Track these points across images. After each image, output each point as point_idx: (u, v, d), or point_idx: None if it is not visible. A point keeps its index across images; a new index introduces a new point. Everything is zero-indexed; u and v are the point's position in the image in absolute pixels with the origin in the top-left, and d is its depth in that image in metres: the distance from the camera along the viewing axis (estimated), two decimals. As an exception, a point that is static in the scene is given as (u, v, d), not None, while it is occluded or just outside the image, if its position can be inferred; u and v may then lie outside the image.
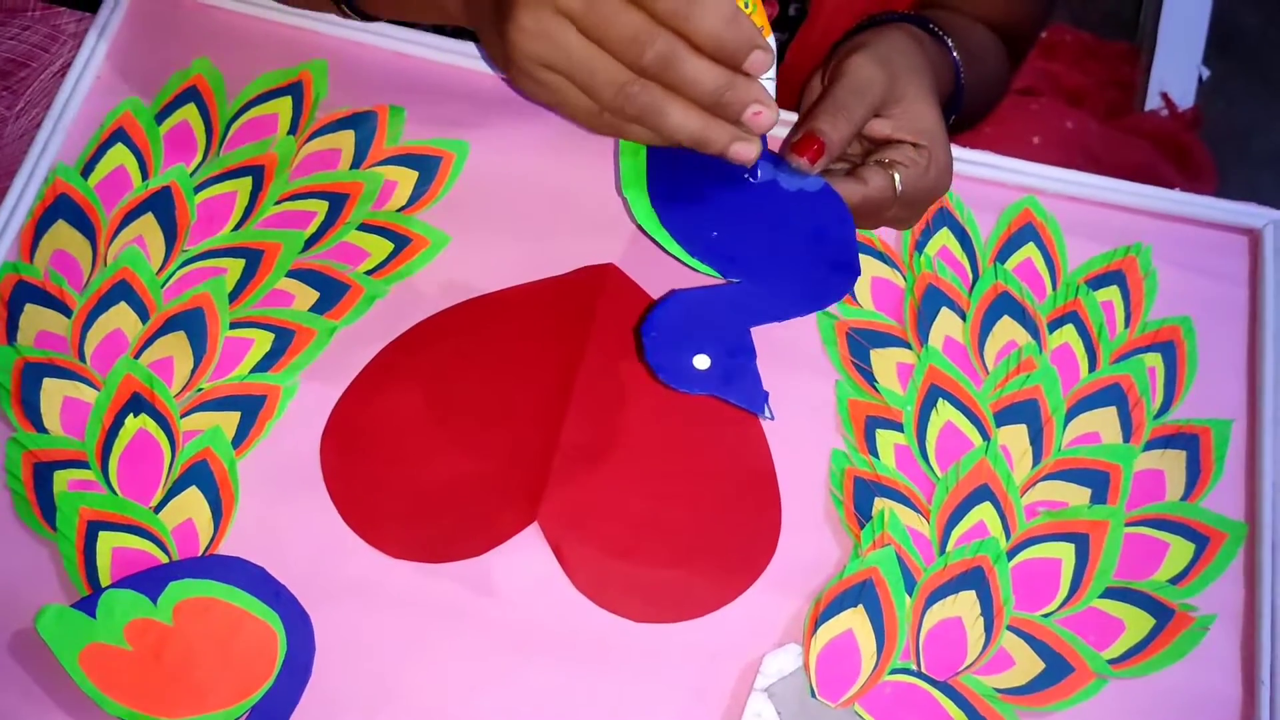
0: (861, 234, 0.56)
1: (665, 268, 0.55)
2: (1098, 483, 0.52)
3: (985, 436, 0.53)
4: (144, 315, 0.54)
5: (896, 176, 0.52)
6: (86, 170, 0.56)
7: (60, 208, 0.55)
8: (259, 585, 0.49)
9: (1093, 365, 0.55)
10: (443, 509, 0.51)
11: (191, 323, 0.53)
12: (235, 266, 0.55)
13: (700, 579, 0.51)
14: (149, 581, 0.48)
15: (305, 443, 0.52)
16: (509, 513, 0.51)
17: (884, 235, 0.57)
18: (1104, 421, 0.54)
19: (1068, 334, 0.55)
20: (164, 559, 0.49)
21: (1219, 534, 0.52)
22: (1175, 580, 0.51)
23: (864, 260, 0.56)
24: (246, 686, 0.47)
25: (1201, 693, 0.50)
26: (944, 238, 0.57)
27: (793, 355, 0.54)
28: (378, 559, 0.50)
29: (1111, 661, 0.50)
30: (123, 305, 0.54)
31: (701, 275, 0.51)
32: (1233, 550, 0.52)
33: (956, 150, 0.57)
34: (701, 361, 0.47)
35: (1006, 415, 0.53)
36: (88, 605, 0.47)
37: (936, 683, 0.49)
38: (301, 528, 0.51)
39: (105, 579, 0.48)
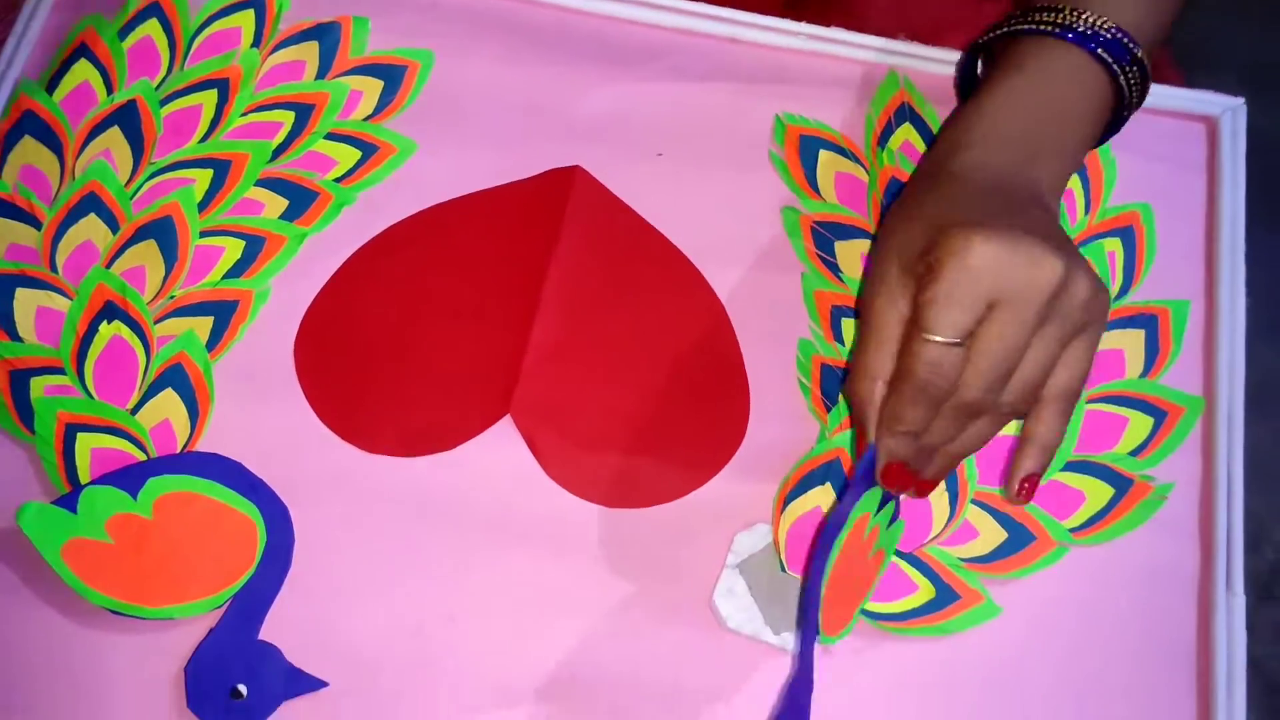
0: (824, 130, 0.57)
1: (632, 170, 0.56)
2: (1059, 363, 0.53)
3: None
4: (114, 226, 0.54)
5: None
6: (51, 86, 0.56)
7: (26, 124, 0.56)
8: (237, 479, 0.49)
9: (1053, 251, 0.56)
10: (416, 405, 0.52)
11: (161, 231, 0.54)
12: (203, 177, 0.55)
13: (671, 466, 0.52)
14: (128, 478, 0.49)
15: (279, 345, 0.53)
16: (482, 407, 0.52)
17: (847, 130, 0.58)
18: (1064, 304, 0.55)
19: (1028, 222, 0.56)
20: (142, 457, 0.50)
21: (1177, 408, 0.53)
22: (1135, 452, 0.52)
23: (828, 155, 0.57)
24: (228, 576, 0.48)
25: (1160, 557, 0.51)
26: (906, 132, 0.58)
27: (758, 250, 0.55)
28: (354, 454, 0.51)
29: (1072, 530, 0.51)
30: (92, 217, 0.54)
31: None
32: (1190, 423, 0.53)
33: (915, 47, 0.58)
34: None
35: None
36: (68, 502, 0.48)
37: (902, 554, 0.50)
38: (278, 426, 0.51)
39: (85, 478, 0.49)
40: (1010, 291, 0.40)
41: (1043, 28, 0.49)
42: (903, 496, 0.49)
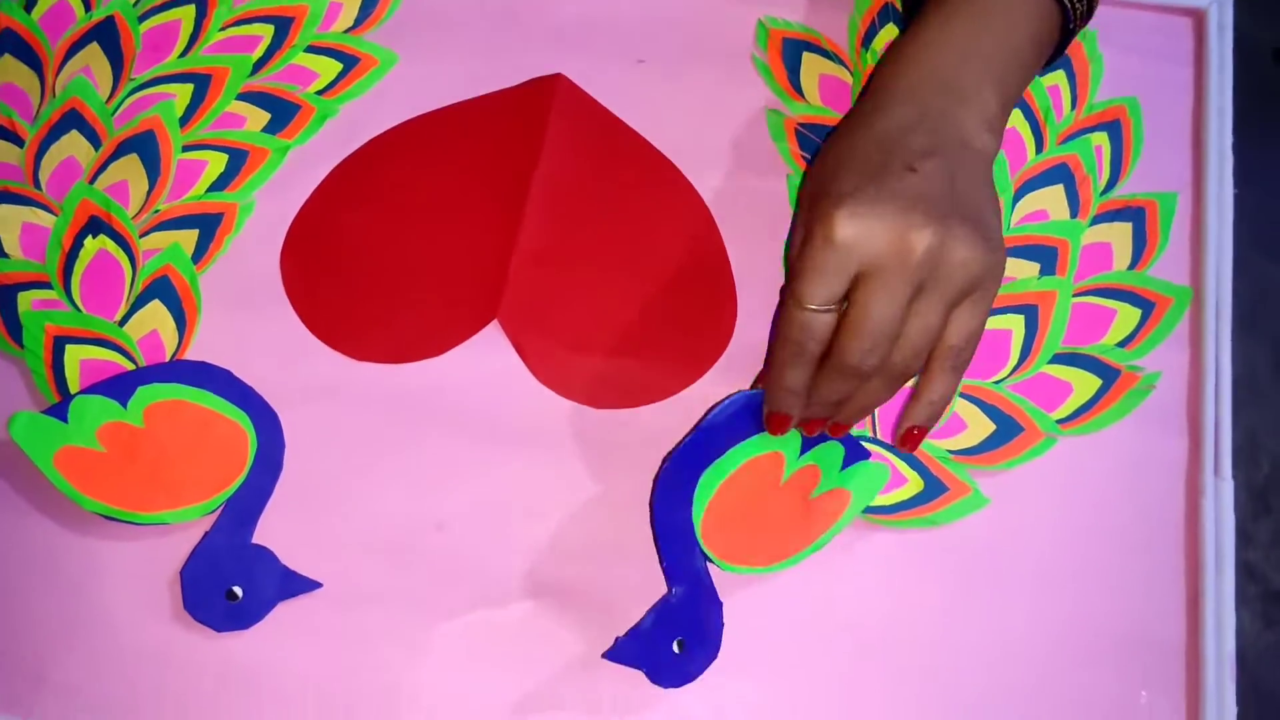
0: (808, 32, 0.57)
1: (614, 77, 0.55)
2: (1046, 257, 0.53)
3: (934, 219, 0.53)
4: (96, 142, 0.54)
5: None
6: (29, 4, 0.56)
7: (5, 42, 0.55)
8: (226, 387, 0.50)
9: (1040, 147, 0.55)
10: (403, 312, 0.52)
11: (144, 146, 0.54)
12: (184, 91, 0.55)
13: (657, 367, 0.51)
14: (118, 387, 0.49)
15: (265, 257, 0.53)
16: (469, 313, 0.52)
17: (830, 32, 0.57)
18: (1051, 199, 0.54)
19: (1014, 118, 0.56)
20: (131, 368, 0.50)
21: (1164, 299, 0.53)
22: (1122, 344, 0.52)
23: (811, 58, 0.57)
24: (220, 482, 0.48)
25: (1147, 447, 0.51)
26: (890, 32, 0.57)
27: (742, 153, 0.55)
28: (342, 362, 0.51)
29: (1060, 421, 0.51)
30: (74, 133, 0.54)
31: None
32: (1178, 314, 0.53)
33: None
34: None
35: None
36: (59, 411, 0.48)
37: (890, 447, 0.50)
38: (265, 336, 0.51)
39: (75, 389, 0.49)
40: (876, 264, 0.41)
41: None
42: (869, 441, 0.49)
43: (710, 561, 0.48)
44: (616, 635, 0.47)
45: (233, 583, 0.47)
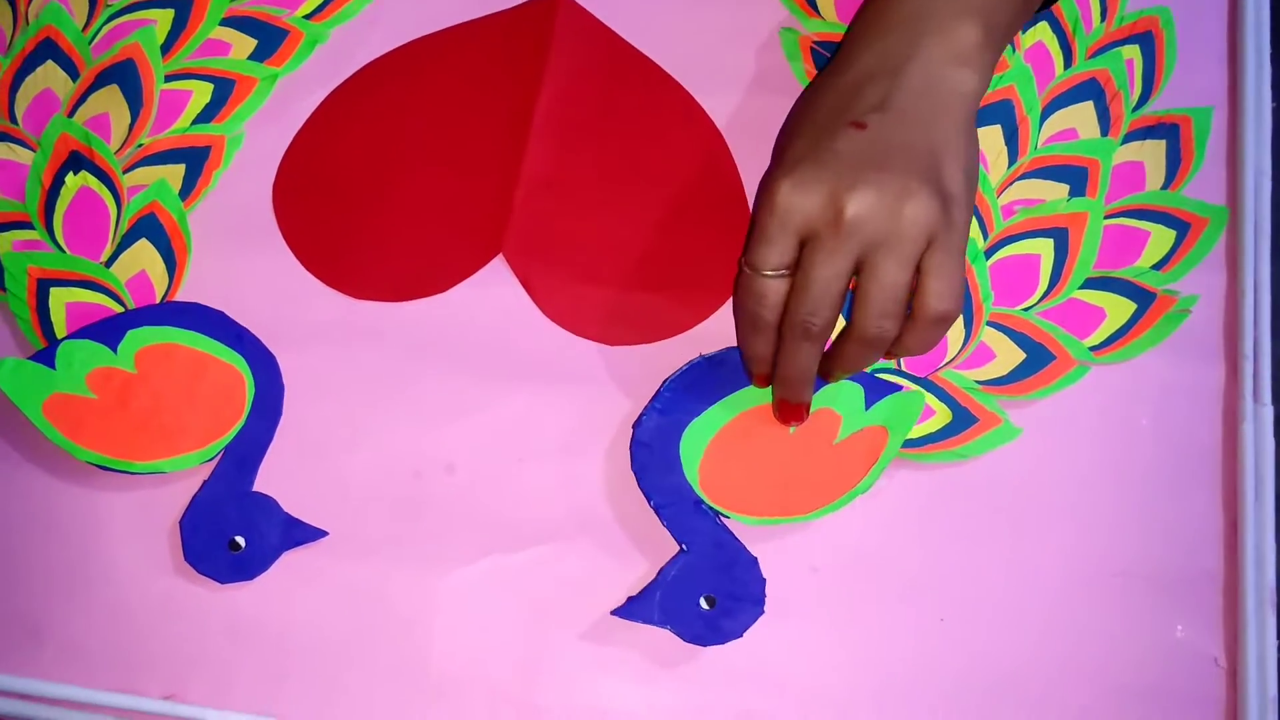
0: None
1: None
2: (1076, 178, 0.51)
3: (958, 139, 0.51)
4: (73, 73, 0.51)
5: None
6: (-4, -73, 0.53)
7: (-28, -32, 0.52)
8: (220, 329, 0.47)
9: (1068, 62, 0.53)
10: (404, 248, 0.50)
11: (124, 76, 0.51)
12: (164, 17, 0.52)
13: (671, 300, 0.49)
14: (107, 331, 0.47)
15: (256, 191, 0.50)
16: (473, 246, 0.50)
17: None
18: (1081, 117, 0.52)
19: (1041, 32, 0.53)
20: (120, 310, 0.48)
21: (1200, 219, 0.50)
22: (1157, 266, 0.50)
23: (826, -29, 0.54)
24: (217, 427, 0.47)
25: (1183, 373, 0.49)
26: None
27: (755, 74, 0.52)
28: (341, 301, 0.49)
29: (1093, 348, 0.49)
30: (50, 64, 0.51)
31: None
32: (1214, 234, 0.50)
33: None
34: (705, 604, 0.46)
35: (979, 117, 0.51)
36: (45, 356, 0.46)
37: (916, 378, 0.48)
38: (259, 275, 0.49)
39: (61, 333, 0.47)
40: (813, 229, 0.41)
41: None
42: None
43: (726, 517, 0.46)
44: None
45: (235, 533, 0.45)
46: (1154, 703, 0.46)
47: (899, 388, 0.47)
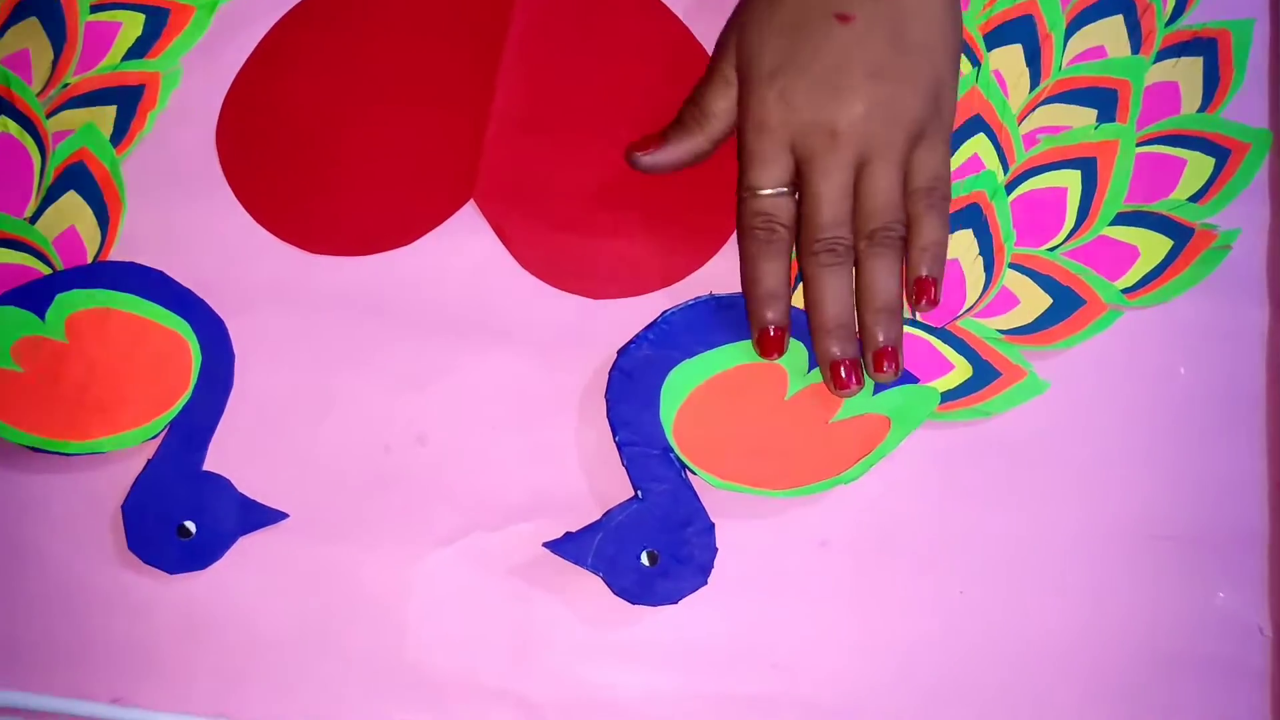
0: None
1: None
2: (1104, 101, 0.46)
3: (974, 62, 0.46)
4: (-14, 5, 0.46)
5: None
6: None
7: None
8: (160, 291, 0.43)
9: (1094, -28, 0.48)
10: (364, 196, 0.46)
11: (44, 7, 0.46)
12: (87, -60, 0.47)
13: (662, 248, 0.45)
14: (31, 295, 0.42)
15: (197, 135, 0.46)
16: (441, 192, 0.46)
17: None
18: (1109, 33, 0.47)
19: (1064, -62, 0.48)
20: (47, 271, 0.43)
21: (1241, 145, 0.46)
22: (1194, 198, 0.46)
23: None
24: (161, 401, 0.43)
25: (1224, 315, 0.45)
26: None
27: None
28: (296, 256, 0.45)
29: (1125, 290, 0.45)
30: (-41, -4, 0.46)
31: None
32: (1256, 161, 0.46)
33: None
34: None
35: (997, 36, 0.47)
36: (-37, 327, 0.41)
37: (932, 329, 0.44)
38: (203, 229, 0.45)
39: (-18, 300, 0.43)
40: (807, 145, 0.41)
41: None
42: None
43: (692, 472, 0.42)
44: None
45: (184, 517, 0.42)
46: (1193, 675, 0.42)
47: (914, 380, 0.43)
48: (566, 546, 0.42)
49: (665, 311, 0.44)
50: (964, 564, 0.43)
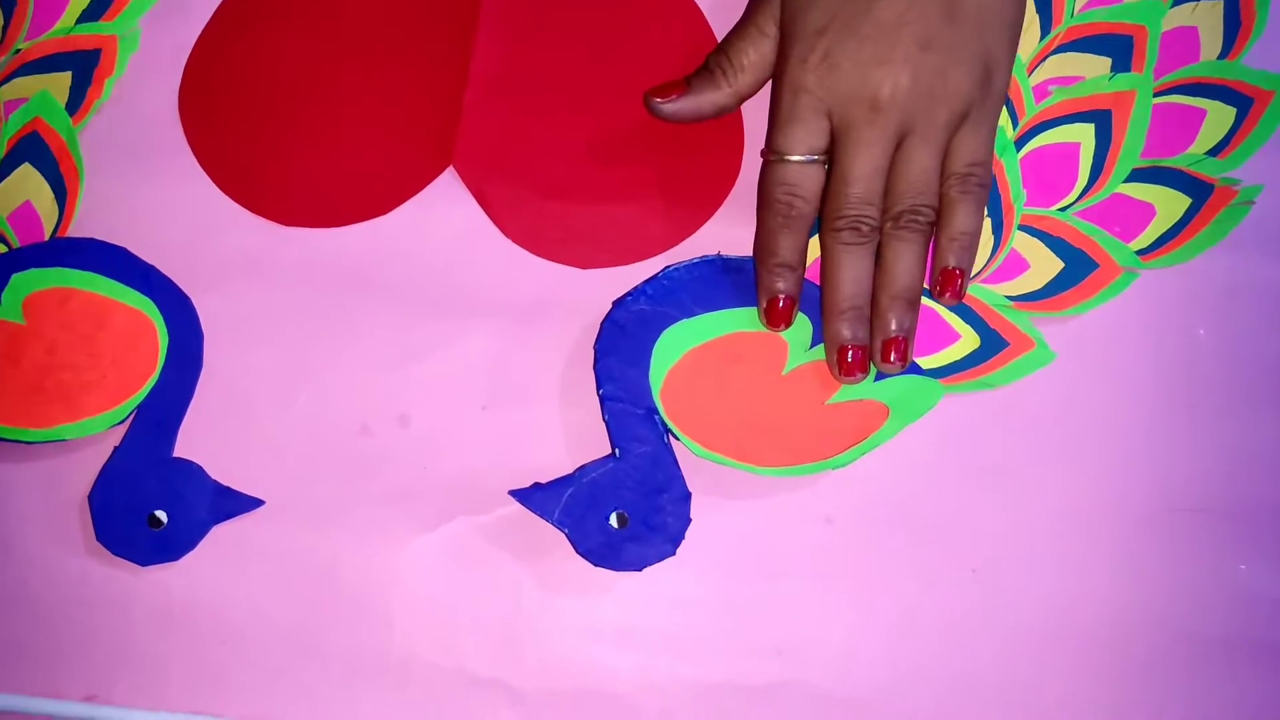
0: None
1: None
2: (1119, 49, 0.44)
3: (981, 10, 0.44)
4: (-70, -34, 0.43)
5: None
6: None
7: None
8: (123, 268, 0.41)
9: (1106, -90, 0.45)
10: (338, 163, 0.43)
11: (-10, -32, 0.43)
12: (36, -106, 0.44)
13: (652, 213, 0.43)
14: (-13, 276, 0.40)
15: (158, 101, 0.44)
16: (418, 158, 0.43)
17: None
18: (1124, -25, 0.45)
19: (1075, -127, 0.45)
20: (3, 250, 0.41)
21: (1264, 93, 0.44)
22: (1213, 151, 0.43)
23: None
24: (127, 385, 0.41)
25: (1246, 277, 0.43)
26: None
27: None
28: (267, 229, 0.43)
29: (1140, 252, 0.43)
30: (-99, -43, 0.43)
31: None
32: (1280, 111, 0.44)
33: None
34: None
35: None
36: (-85, 311, 0.39)
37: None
38: (167, 202, 0.43)
39: (-66, 281, 0.41)
40: (845, 115, 0.39)
41: None
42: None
43: (675, 437, 0.41)
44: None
45: (155, 506, 0.40)
46: (1220, 654, 0.41)
47: (919, 371, 0.41)
48: (534, 498, 0.40)
49: (668, 267, 0.42)
50: (975, 543, 0.41)
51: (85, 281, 0.41)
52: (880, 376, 0.41)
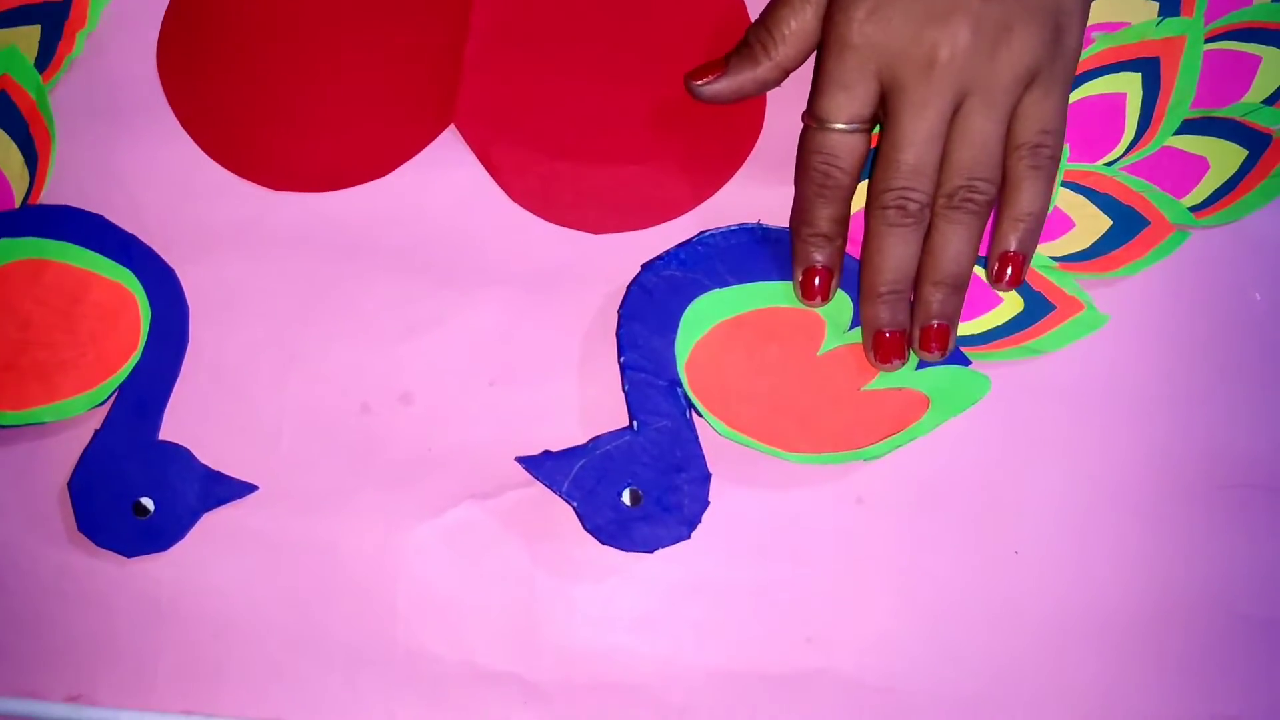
0: None
1: None
2: (1167, -9, 0.42)
3: (1020, -49, 0.41)
4: (-114, -88, 0.41)
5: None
6: None
7: None
8: (100, 238, 0.40)
9: None
10: (331, 123, 0.41)
11: (-49, -87, 0.41)
12: None
13: (667, 174, 0.41)
14: (-47, 248, 0.38)
15: (134, 58, 0.42)
16: (417, 117, 0.41)
17: None
18: (1171, -88, 0.42)
19: None
20: (-31, 220, 0.39)
21: (1323, 38, 0.41)
22: (1270, 100, 0.41)
23: None
24: (108, 363, 0.40)
25: (1306, 234, 0.41)
26: None
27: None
28: (256, 194, 0.41)
29: (1194, 208, 0.41)
30: None
31: None
32: (1341, 56, 0.41)
33: None
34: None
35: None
36: (-124, 286, 0.37)
37: (979, 258, 0.40)
38: (146, 165, 0.41)
39: (-102, 253, 0.38)
40: (898, 76, 0.36)
41: None
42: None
43: (699, 413, 0.39)
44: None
45: (140, 493, 0.39)
46: (1275, 639, 0.39)
47: (966, 362, 0.39)
48: (543, 467, 0.38)
49: (703, 232, 0.40)
50: (1017, 521, 0.39)
51: (60, 252, 0.39)
52: (922, 365, 0.39)
